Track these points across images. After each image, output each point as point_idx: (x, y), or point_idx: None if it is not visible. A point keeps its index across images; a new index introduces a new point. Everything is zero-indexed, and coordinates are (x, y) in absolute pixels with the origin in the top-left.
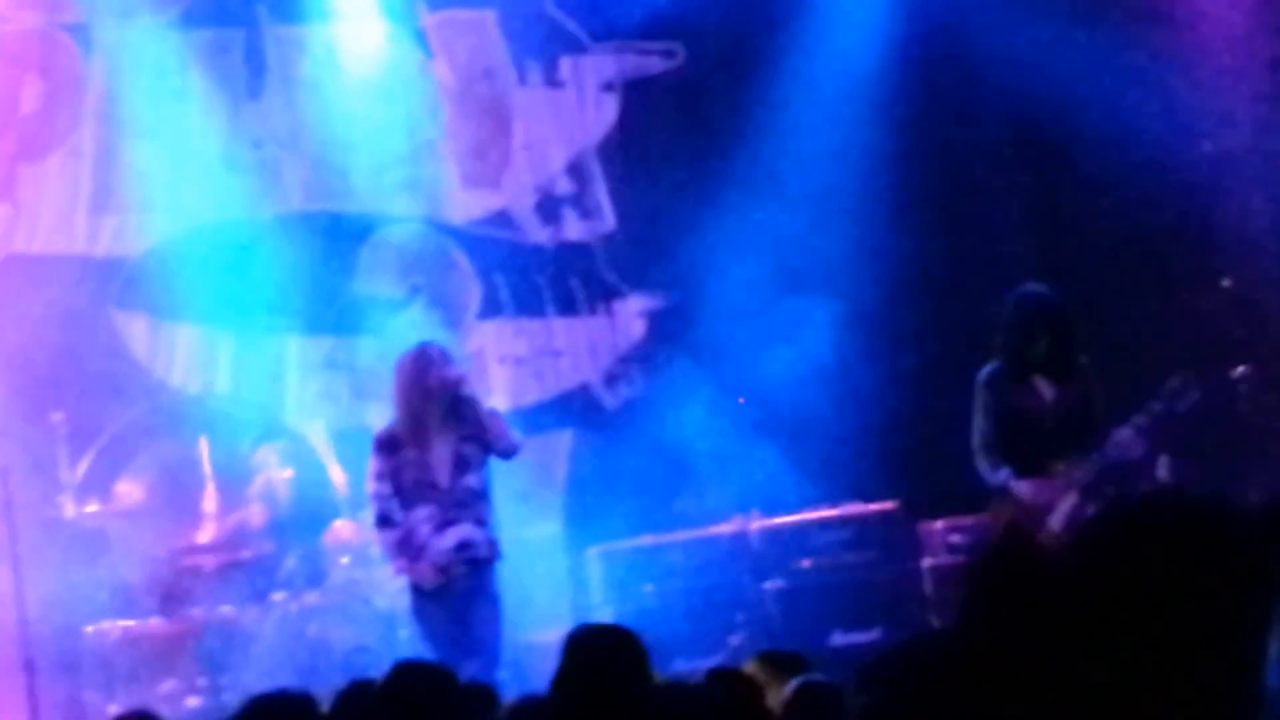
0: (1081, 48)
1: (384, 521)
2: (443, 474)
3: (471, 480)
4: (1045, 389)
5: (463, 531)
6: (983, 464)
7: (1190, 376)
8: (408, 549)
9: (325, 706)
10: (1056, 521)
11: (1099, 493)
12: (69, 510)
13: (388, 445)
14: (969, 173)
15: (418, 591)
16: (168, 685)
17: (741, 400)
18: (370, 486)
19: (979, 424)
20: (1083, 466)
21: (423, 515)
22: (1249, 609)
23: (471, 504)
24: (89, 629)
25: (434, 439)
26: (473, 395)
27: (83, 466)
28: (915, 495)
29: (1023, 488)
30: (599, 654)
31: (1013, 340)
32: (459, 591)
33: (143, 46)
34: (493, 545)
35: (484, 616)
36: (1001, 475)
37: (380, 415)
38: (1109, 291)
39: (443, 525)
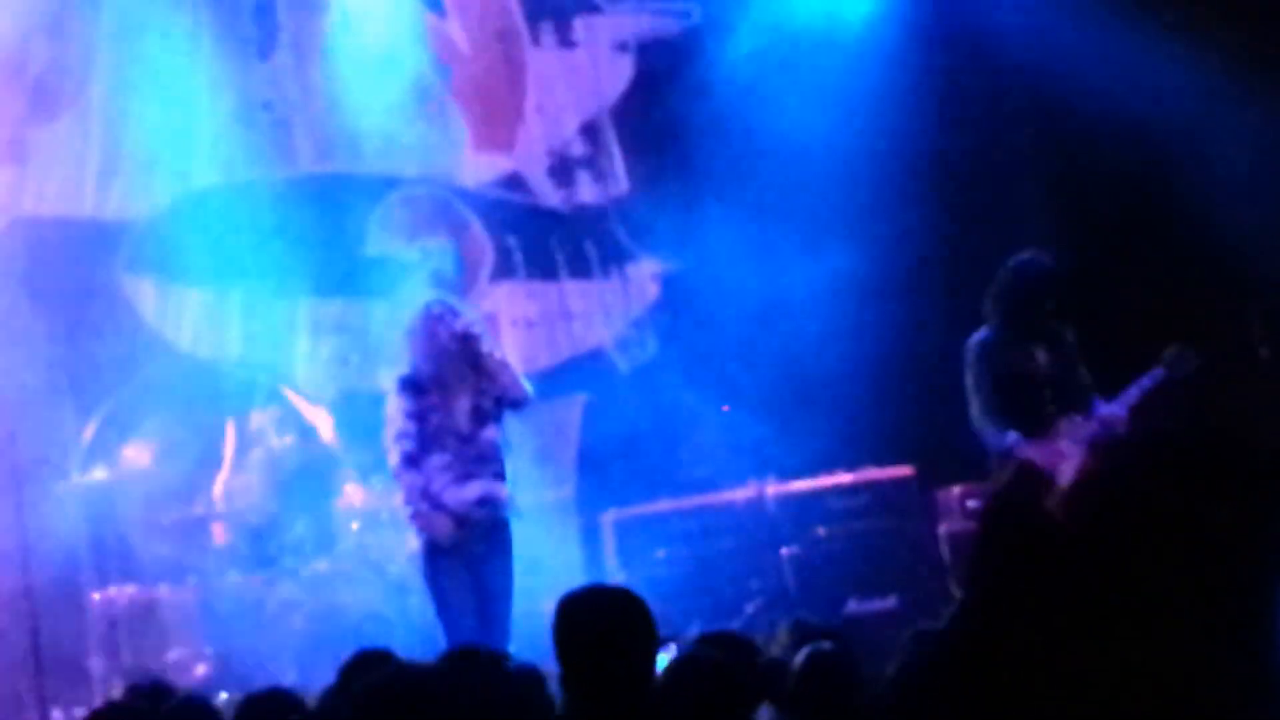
0: (1093, 21)
1: (409, 463)
2: (464, 424)
3: (491, 433)
4: (1040, 353)
5: (484, 485)
6: (987, 430)
7: (1188, 345)
8: (428, 496)
9: (332, 675)
10: (1065, 478)
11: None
12: (76, 475)
13: (413, 386)
14: (985, 140)
15: (431, 548)
16: (175, 653)
17: (726, 408)
18: (396, 425)
19: (978, 391)
20: (1084, 425)
21: (440, 463)
22: (1262, 550)
23: (491, 458)
24: (96, 595)
25: (454, 390)
26: (482, 345)
27: (90, 431)
28: (931, 461)
29: (1030, 451)
30: (601, 621)
31: (1014, 305)
32: (474, 549)
33: (152, 7)
34: (512, 502)
35: (498, 578)
36: (1010, 439)
37: (392, 380)
38: (1125, 262)
39: (463, 477)
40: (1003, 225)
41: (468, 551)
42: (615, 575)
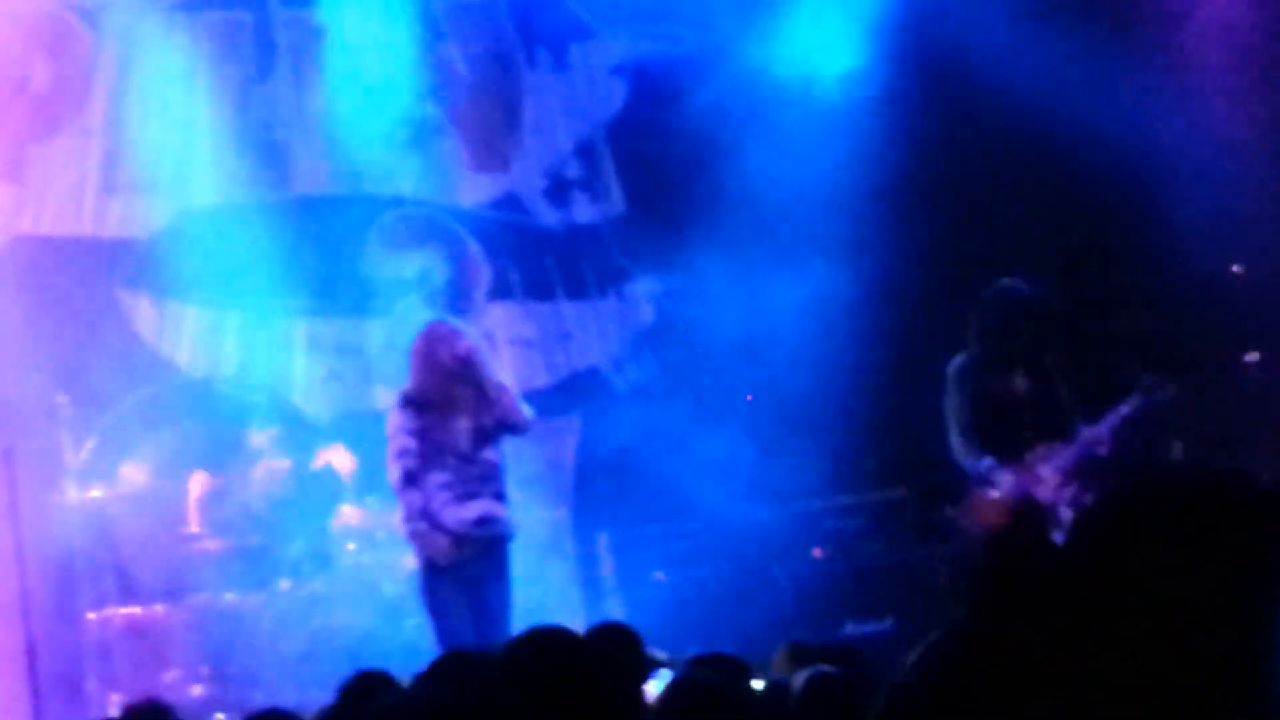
0: (1078, 50)
1: (409, 481)
2: (465, 443)
3: (491, 454)
4: (1019, 379)
5: (484, 505)
6: (963, 454)
7: (1164, 373)
8: (427, 515)
9: (330, 696)
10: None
11: (1078, 478)
12: (73, 494)
13: (415, 403)
14: (975, 165)
15: (429, 566)
16: (172, 673)
17: (749, 398)
18: (397, 443)
19: (956, 415)
20: (1061, 452)
21: (440, 482)
22: (1262, 588)
23: (491, 478)
24: (92, 615)
25: (455, 409)
26: (483, 369)
27: (87, 449)
28: (928, 483)
29: (1004, 477)
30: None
31: (992, 332)
32: (472, 570)
33: (152, 28)
34: (511, 523)
35: (497, 599)
36: (984, 465)
37: (389, 399)
38: (1115, 285)
39: (463, 497)
40: (998, 251)
41: (466, 571)
42: (612, 596)
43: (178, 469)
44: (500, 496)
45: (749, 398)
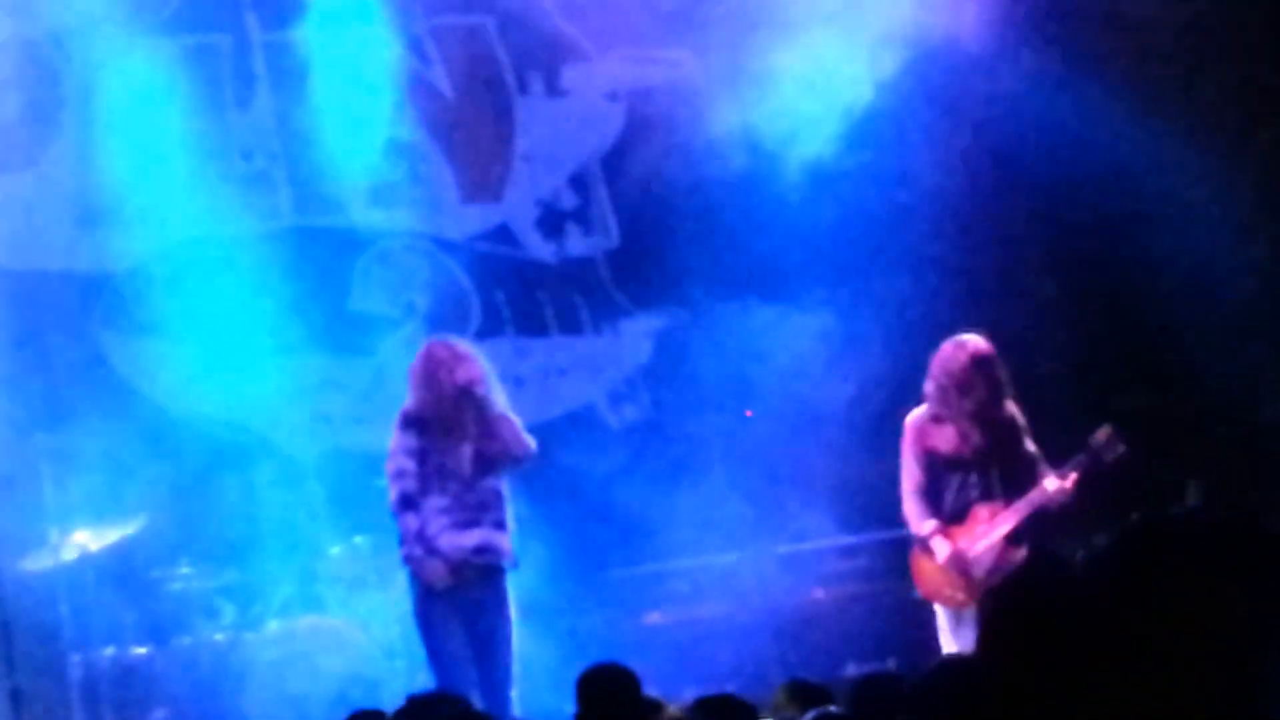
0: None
1: (406, 503)
2: (467, 468)
3: (492, 482)
4: (973, 433)
5: (483, 534)
6: (911, 511)
7: (1117, 429)
8: (423, 540)
9: None
10: (979, 571)
11: (1026, 537)
12: (55, 534)
13: (416, 423)
14: (981, 202)
15: (425, 594)
16: (159, 714)
17: (749, 413)
18: (395, 463)
19: (908, 474)
20: (1008, 513)
21: (439, 506)
22: (1270, 631)
23: (492, 506)
24: (77, 656)
25: (456, 433)
26: (485, 399)
27: (70, 489)
28: None
29: (942, 546)
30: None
31: (945, 386)
32: (470, 598)
33: (125, 54)
34: (512, 553)
35: (497, 630)
36: (926, 529)
37: (376, 437)
38: (1136, 330)
39: (463, 524)
40: (998, 291)
41: (464, 599)
42: (607, 636)
43: (162, 508)
44: (500, 525)
45: (748, 413)
